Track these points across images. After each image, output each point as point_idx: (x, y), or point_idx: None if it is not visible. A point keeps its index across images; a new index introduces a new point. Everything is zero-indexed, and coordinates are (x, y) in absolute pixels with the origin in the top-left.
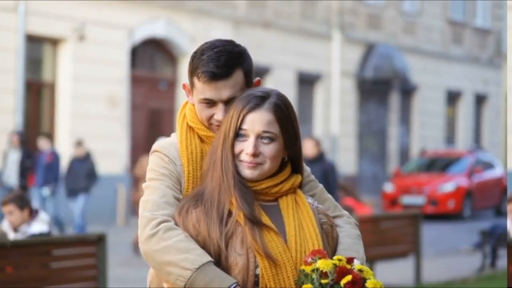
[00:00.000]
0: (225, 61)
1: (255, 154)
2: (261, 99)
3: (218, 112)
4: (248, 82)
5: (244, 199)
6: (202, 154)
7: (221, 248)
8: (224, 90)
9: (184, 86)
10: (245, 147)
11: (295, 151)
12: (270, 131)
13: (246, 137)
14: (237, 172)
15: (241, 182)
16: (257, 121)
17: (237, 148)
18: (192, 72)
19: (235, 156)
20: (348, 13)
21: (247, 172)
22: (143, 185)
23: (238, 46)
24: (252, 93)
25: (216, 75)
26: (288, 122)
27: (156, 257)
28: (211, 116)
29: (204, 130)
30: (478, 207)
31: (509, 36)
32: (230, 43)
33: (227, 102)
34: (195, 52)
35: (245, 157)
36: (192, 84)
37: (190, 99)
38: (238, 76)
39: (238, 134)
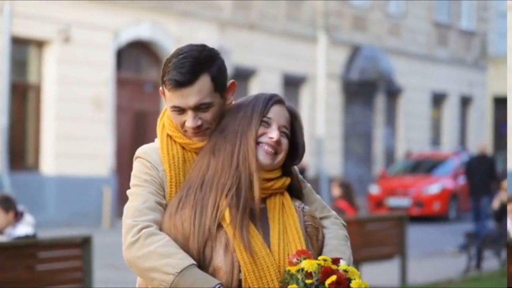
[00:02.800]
0: (189, 68)
1: (279, 142)
2: (281, 98)
3: (189, 119)
4: (218, 86)
5: (250, 191)
6: (184, 159)
7: (209, 242)
8: (190, 97)
9: (161, 92)
10: (269, 132)
11: (289, 155)
12: (287, 128)
13: (269, 125)
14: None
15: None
16: (281, 114)
17: (260, 131)
18: (161, 79)
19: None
20: (334, 15)
21: (264, 157)
22: (127, 192)
23: (208, 50)
24: (268, 94)
25: (179, 83)
26: (296, 128)
27: (138, 264)
28: (183, 123)
29: (182, 138)
30: (463, 209)
31: (509, 36)
32: (200, 47)
33: (196, 109)
34: (166, 59)
35: (267, 140)
36: (163, 91)
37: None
38: (203, 82)
39: (262, 119)
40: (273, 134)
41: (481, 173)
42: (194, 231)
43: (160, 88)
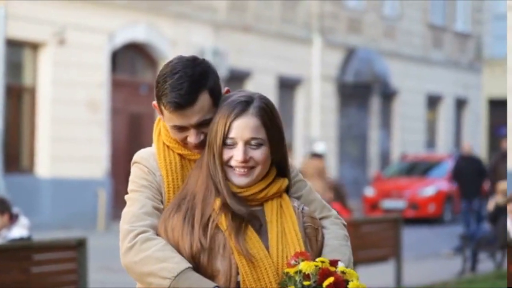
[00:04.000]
0: (187, 89)
1: (245, 161)
2: (245, 104)
3: (191, 136)
4: (216, 100)
5: (238, 201)
6: (181, 164)
7: (202, 254)
8: (191, 116)
9: (155, 106)
10: (235, 154)
11: (282, 154)
12: (257, 137)
13: (234, 145)
14: (226, 179)
15: (231, 189)
16: (244, 127)
17: (226, 155)
18: (158, 99)
19: (224, 163)
20: (329, 17)
21: (238, 179)
22: (125, 197)
23: (200, 64)
24: (236, 99)
25: (180, 105)
26: (273, 126)
27: (135, 269)
28: (185, 138)
29: (180, 149)
30: (458, 211)
31: (509, 37)
32: (191, 62)
33: (198, 126)
34: (159, 76)
35: (235, 163)
36: (160, 109)
37: (162, 118)
38: (203, 100)
39: (225, 142)
40: (238, 156)
41: (470, 174)
42: (182, 239)
43: (154, 102)
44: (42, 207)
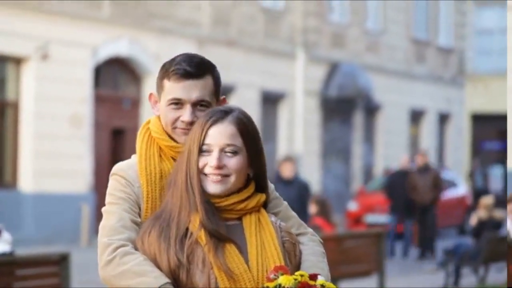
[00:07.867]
0: (198, 63)
1: (219, 167)
2: (223, 113)
3: (185, 114)
4: (217, 92)
5: (212, 215)
6: (161, 174)
7: (180, 269)
8: (194, 90)
9: (150, 96)
10: (209, 161)
11: (260, 168)
12: (233, 144)
13: (210, 152)
14: (202, 188)
15: (206, 198)
16: (220, 134)
17: (201, 163)
18: (163, 75)
19: (199, 171)
20: (312, 32)
21: (212, 187)
22: (102, 209)
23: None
24: (215, 109)
25: (188, 73)
26: (250, 136)
27: (114, 282)
28: (177, 119)
29: (167, 140)
30: (441, 225)
31: (508, 38)
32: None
33: (195, 105)
34: (165, 62)
35: (209, 169)
36: (161, 88)
37: (155, 110)
38: (208, 80)
39: (202, 149)
40: (212, 161)
41: (401, 190)
42: (160, 255)
43: (151, 92)
44: (25, 222)
